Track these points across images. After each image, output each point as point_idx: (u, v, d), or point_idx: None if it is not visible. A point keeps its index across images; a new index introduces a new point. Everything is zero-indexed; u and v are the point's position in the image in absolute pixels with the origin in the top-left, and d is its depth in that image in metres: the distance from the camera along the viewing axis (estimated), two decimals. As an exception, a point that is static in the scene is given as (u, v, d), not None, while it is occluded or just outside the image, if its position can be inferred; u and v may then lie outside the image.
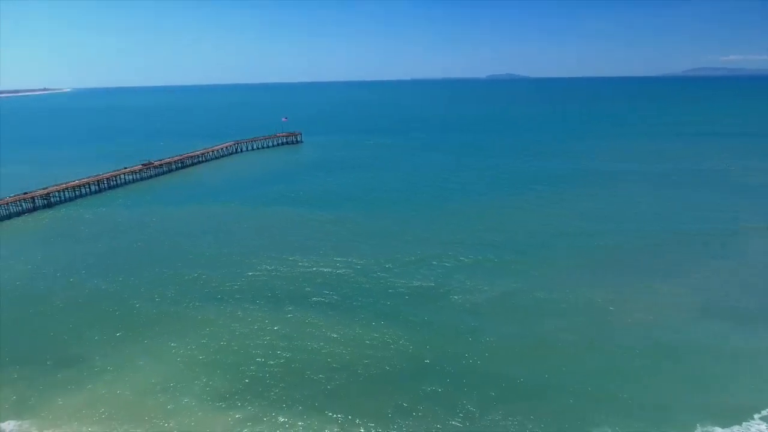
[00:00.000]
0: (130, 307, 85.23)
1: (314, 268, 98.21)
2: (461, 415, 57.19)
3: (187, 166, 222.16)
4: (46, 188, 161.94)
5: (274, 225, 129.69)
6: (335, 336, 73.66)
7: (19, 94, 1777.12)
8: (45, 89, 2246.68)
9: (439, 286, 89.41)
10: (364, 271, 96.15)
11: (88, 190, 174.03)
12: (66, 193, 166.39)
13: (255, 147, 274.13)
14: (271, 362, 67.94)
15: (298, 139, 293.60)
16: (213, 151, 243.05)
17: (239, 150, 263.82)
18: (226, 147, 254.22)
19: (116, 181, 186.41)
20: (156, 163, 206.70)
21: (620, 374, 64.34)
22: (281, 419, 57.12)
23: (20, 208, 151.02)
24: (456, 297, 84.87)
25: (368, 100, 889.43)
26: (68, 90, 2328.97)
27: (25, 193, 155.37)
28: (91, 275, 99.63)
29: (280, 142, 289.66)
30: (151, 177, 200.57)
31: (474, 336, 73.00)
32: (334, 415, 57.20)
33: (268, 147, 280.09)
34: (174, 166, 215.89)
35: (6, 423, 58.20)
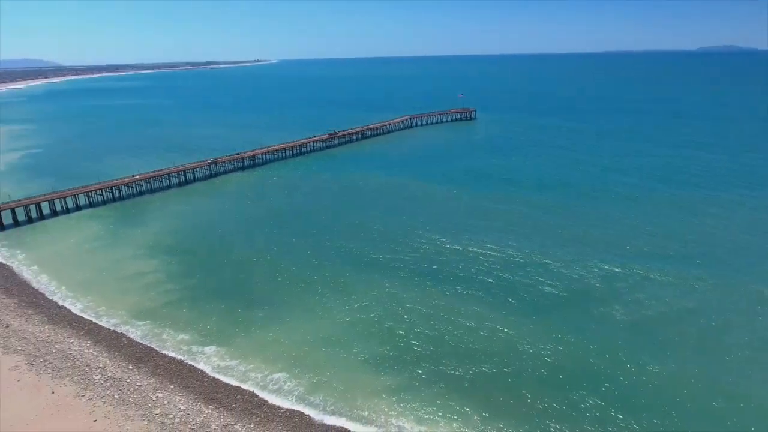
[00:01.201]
0: (310, 264, 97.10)
1: (473, 252, 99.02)
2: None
3: (367, 137, 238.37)
4: (253, 150, 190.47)
5: (441, 203, 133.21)
6: (484, 325, 74.27)
7: (237, 65, 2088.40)
8: (257, 60, 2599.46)
9: (600, 292, 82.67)
10: (522, 263, 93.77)
11: (283, 154, 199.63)
12: (267, 156, 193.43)
13: (429, 122, 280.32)
14: (423, 338, 71.75)
15: (472, 116, 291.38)
16: (390, 125, 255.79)
17: (414, 124, 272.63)
18: (402, 121, 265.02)
19: (306, 147, 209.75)
20: (340, 134, 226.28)
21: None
22: (423, 397, 60.27)
23: (233, 166, 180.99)
24: (617, 309, 77.13)
25: (548, 75, 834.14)
26: (275, 61, 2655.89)
27: (237, 154, 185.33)
28: (282, 231, 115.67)
29: (453, 118, 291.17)
30: (335, 146, 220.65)
31: (632, 357, 66.52)
32: (473, 410, 58.01)
33: (441, 122, 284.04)
34: (355, 137, 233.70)
35: (209, 347, 72.67)
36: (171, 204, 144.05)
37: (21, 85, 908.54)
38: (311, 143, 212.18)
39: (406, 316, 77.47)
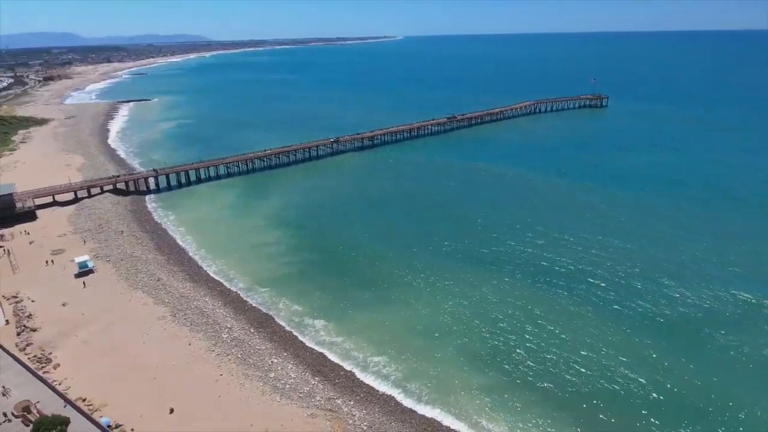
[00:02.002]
0: (417, 250, 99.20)
1: (586, 257, 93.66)
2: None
3: (486, 122, 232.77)
4: (372, 131, 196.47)
5: (559, 199, 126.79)
6: (593, 336, 70.60)
7: (365, 41, 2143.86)
8: (384, 37, 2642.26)
9: (731, 324, 73.23)
10: (641, 276, 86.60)
11: (401, 136, 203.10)
12: (385, 137, 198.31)
13: (554, 108, 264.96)
14: (523, 341, 70.44)
15: (603, 104, 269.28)
16: (511, 110, 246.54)
17: (538, 110, 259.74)
18: (525, 106, 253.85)
19: (424, 130, 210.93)
20: (458, 117, 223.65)
21: None
22: (516, 402, 59.59)
23: (353, 145, 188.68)
24: (745, 350, 67.83)
25: (694, 58, 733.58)
26: (401, 37, 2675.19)
27: (358, 134, 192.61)
28: (394, 214, 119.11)
29: (582, 104, 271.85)
30: (453, 129, 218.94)
31: (757, 400, 59.00)
32: (568, 426, 56.16)
33: (568, 109, 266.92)
34: (474, 121, 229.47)
35: (318, 321, 78.35)
36: (295, 179, 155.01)
37: (177, 58, 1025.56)
38: (429, 126, 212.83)
39: (508, 316, 76.40)
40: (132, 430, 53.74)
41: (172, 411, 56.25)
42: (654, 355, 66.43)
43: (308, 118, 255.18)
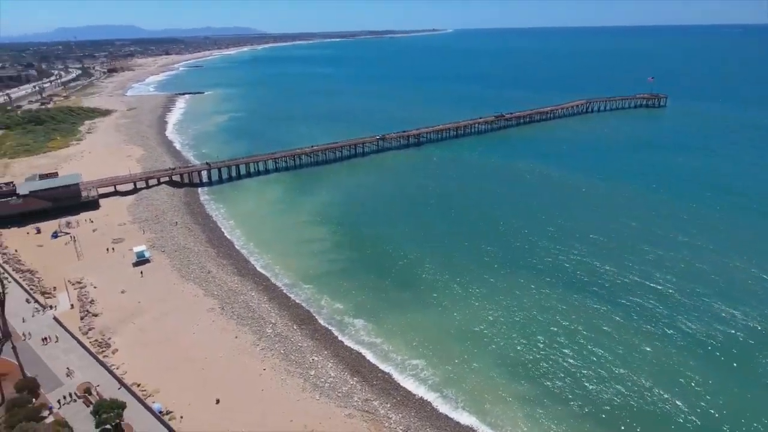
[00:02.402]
0: (459, 253, 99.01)
1: (633, 266, 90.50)
2: None
3: (536, 121, 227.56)
4: (418, 129, 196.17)
5: (611, 206, 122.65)
6: (632, 351, 68.52)
7: (413, 34, 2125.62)
8: (433, 30, 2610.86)
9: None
10: (693, 290, 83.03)
11: (448, 134, 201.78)
12: (432, 135, 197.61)
13: (608, 108, 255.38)
14: (564, 353, 69.25)
15: (661, 103, 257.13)
16: (562, 109, 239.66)
17: (590, 109, 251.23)
18: (577, 105, 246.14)
19: (471, 129, 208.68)
20: (507, 116, 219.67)
21: None
22: (554, 416, 58.79)
23: (399, 143, 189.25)
24: None
25: (753, 54, 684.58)
26: (450, 31, 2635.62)
27: (404, 131, 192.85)
28: (437, 214, 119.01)
29: (638, 104, 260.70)
30: (501, 128, 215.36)
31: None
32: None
33: (623, 108, 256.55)
34: (523, 120, 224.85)
35: (358, 320, 79.80)
36: (340, 175, 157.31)
37: (232, 51, 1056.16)
38: (476, 125, 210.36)
39: (547, 327, 75.28)
40: (181, 417, 56.98)
41: (218, 401, 59.20)
42: (698, 378, 63.92)
43: (354, 113, 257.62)
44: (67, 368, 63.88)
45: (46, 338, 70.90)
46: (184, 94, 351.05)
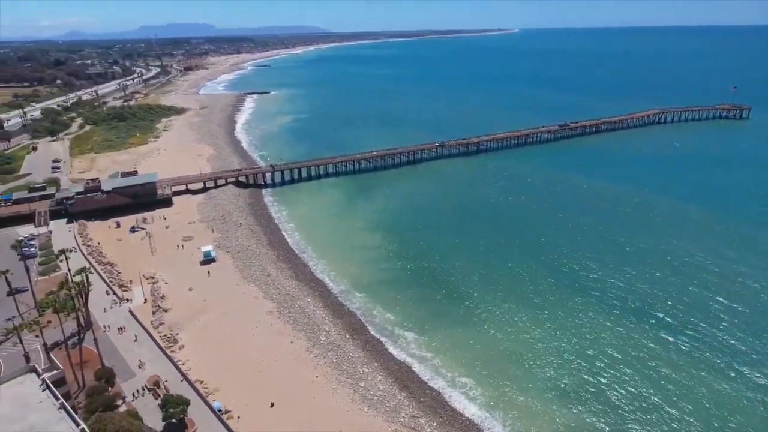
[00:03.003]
0: (514, 269, 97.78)
1: (702, 295, 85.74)
2: None
3: (603, 131, 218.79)
4: (478, 137, 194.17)
5: (681, 227, 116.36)
6: (695, 386, 65.12)
7: (478, 34, 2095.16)
8: (499, 29, 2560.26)
9: None
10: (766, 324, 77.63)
11: (508, 143, 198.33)
12: (491, 143, 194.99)
13: (683, 119, 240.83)
14: (616, 383, 67.03)
15: (744, 115, 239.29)
16: (632, 119, 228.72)
17: (663, 120, 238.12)
18: (648, 115, 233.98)
19: (533, 138, 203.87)
20: (571, 125, 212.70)
21: None
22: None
23: (458, 150, 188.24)
24: None
25: None
26: (516, 30, 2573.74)
27: (463, 139, 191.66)
28: (492, 226, 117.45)
29: (717, 115, 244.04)
30: (564, 138, 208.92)
31: None
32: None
33: (700, 120, 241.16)
34: (588, 130, 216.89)
35: (409, 333, 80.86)
36: (398, 182, 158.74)
37: (298, 50, 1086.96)
38: (539, 134, 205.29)
39: (604, 354, 73.15)
40: (238, 417, 60.48)
41: (272, 405, 62.29)
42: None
43: (413, 116, 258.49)
44: (140, 360, 69.41)
45: (121, 329, 77.30)
46: (252, 93, 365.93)
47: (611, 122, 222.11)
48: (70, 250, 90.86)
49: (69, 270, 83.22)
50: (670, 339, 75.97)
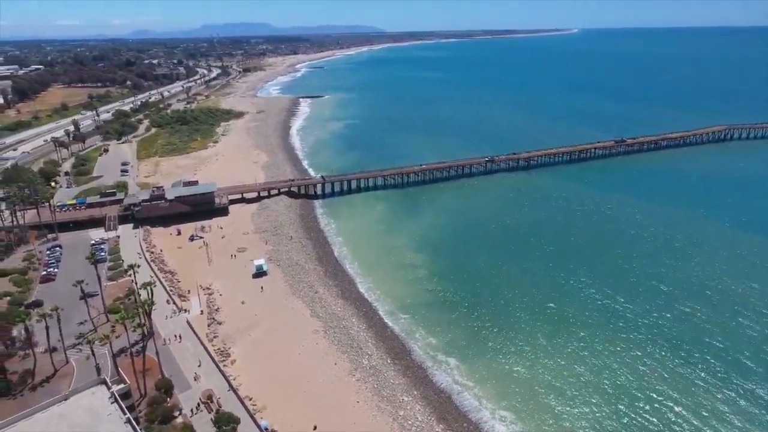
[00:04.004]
0: (563, 298, 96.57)
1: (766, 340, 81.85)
2: None
3: (662, 148, 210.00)
4: (529, 152, 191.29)
5: (744, 260, 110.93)
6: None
7: (534, 34, 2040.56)
8: (557, 30, 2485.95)
9: None
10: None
11: (560, 159, 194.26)
12: (542, 158, 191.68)
13: (753, 135, 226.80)
14: (665, 429, 65.72)
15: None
16: (694, 135, 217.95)
17: (730, 136, 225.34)
18: (713, 132, 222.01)
19: (587, 154, 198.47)
20: (628, 141, 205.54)
21: None
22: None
23: (507, 165, 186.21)
24: None
25: None
26: (576, 31, 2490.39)
27: (513, 153, 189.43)
28: (540, 250, 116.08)
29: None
30: (621, 154, 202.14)
31: None
32: None
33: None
34: (647, 146, 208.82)
35: (452, 359, 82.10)
36: (446, 197, 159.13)
37: (352, 51, 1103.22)
38: (593, 149, 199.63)
39: (651, 396, 71.70)
40: (283, 437, 63.90)
41: (315, 428, 65.23)
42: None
43: (463, 126, 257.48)
44: (195, 373, 74.39)
45: (179, 338, 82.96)
46: (306, 97, 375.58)
47: (672, 138, 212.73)
48: (138, 265, 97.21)
49: (136, 284, 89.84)
50: (720, 384, 73.23)
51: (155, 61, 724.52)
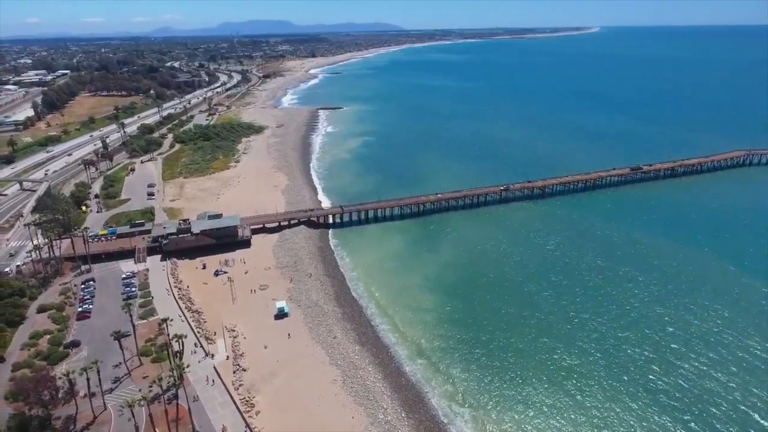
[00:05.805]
0: (569, 348, 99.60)
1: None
2: None
3: (679, 175, 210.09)
4: (544, 180, 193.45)
5: (761, 309, 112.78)
6: None
7: (555, 34, 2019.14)
8: (577, 29, 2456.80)
9: None
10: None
11: (575, 187, 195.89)
12: (557, 187, 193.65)
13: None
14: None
15: None
16: (712, 162, 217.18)
17: (749, 162, 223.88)
18: (731, 158, 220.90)
19: (601, 182, 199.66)
20: (644, 169, 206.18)
21: None
22: None
23: (522, 194, 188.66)
24: None
25: None
26: (596, 29, 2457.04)
27: (528, 182, 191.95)
28: (555, 288, 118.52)
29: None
30: (637, 181, 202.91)
31: None
32: None
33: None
34: (663, 173, 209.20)
35: (466, 410, 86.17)
36: (462, 228, 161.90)
37: (370, 54, 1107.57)
38: (607, 177, 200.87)
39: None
40: (305, 495, 68.77)
41: (334, 487, 70.03)
42: None
43: (481, 147, 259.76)
44: (223, 425, 79.74)
45: (210, 382, 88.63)
46: (324, 108, 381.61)
47: (689, 165, 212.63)
48: (172, 319, 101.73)
49: (168, 335, 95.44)
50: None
51: (176, 64, 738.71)
